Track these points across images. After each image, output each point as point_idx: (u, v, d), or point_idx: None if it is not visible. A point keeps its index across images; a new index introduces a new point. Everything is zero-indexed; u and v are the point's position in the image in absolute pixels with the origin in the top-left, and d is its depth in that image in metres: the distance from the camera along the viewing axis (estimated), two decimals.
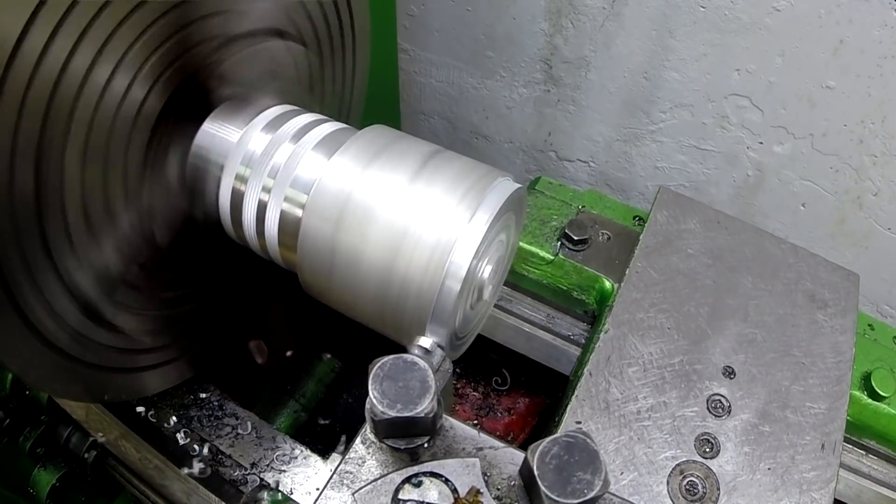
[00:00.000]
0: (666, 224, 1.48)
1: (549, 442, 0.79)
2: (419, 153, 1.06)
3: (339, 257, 1.03)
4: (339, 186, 1.03)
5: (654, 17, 2.30)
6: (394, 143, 1.09)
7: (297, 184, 1.10)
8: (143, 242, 1.16)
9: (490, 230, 0.99)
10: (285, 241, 1.13)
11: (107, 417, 1.43)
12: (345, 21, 1.47)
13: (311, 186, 1.06)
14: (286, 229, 1.11)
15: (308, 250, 1.06)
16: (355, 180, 1.03)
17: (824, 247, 2.59)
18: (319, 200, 1.04)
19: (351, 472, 0.91)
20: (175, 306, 1.32)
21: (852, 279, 1.43)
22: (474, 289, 1.06)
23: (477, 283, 1.06)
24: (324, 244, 1.04)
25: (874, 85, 2.09)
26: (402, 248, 0.99)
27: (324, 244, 1.04)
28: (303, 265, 1.09)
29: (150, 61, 1.03)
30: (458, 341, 1.12)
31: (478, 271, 1.04)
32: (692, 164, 2.66)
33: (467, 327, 1.14)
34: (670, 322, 1.33)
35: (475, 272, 1.02)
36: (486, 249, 1.03)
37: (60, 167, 0.96)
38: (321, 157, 1.10)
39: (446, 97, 3.05)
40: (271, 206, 1.12)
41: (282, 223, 1.12)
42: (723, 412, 1.23)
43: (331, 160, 1.06)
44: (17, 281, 0.96)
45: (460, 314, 1.04)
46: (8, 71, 0.84)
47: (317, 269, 1.07)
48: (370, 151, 1.06)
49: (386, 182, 1.02)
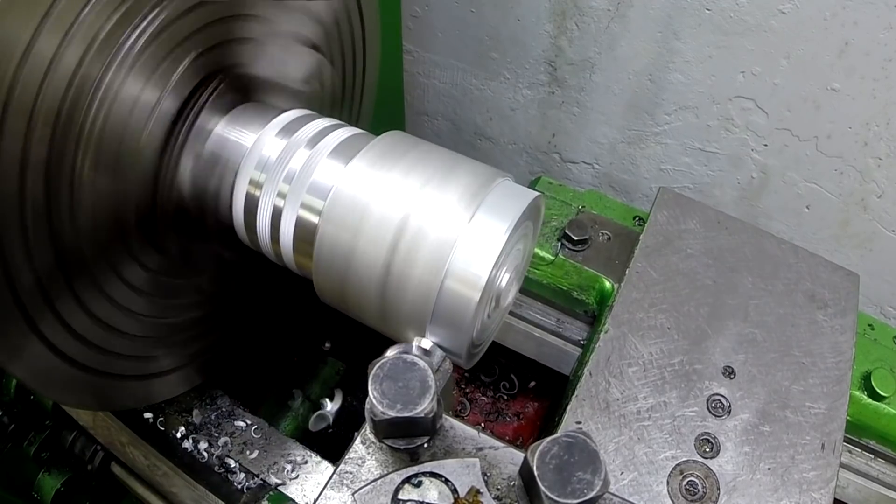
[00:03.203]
0: (666, 224, 1.49)
1: (549, 442, 0.79)
2: (437, 160, 1.06)
3: (355, 265, 1.02)
4: (357, 194, 1.02)
5: (658, 18, 2.30)
6: (411, 149, 1.08)
7: (313, 190, 1.09)
8: (153, 249, 1.15)
9: (510, 239, 0.98)
10: (301, 247, 1.12)
11: (114, 424, 1.43)
12: (356, 26, 1.47)
13: (328, 193, 1.05)
14: (302, 236, 1.11)
15: (324, 257, 1.05)
16: (373, 188, 1.02)
17: (828, 249, 2.59)
18: (337, 208, 1.03)
19: (351, 472, 0.91)
20: (184, 312, 1.31)
21: (852, 279, 1.43)
22: (492, 297, 1.05)
23: (495, 292, 1.05)
24: (341, 252, 1.03)
25: (879, 87, 2.09)
26: (400, 247, 0.99)
27: (341, 252, 1.03)
28: (318, 272, 1.08)
29: (164, 64, 1.02)
30: (474, 349, 1.11)
31: (497, 280, 1.03)
32: (696, 166, 2.66)
33: (484, 335, 1.13)
34: (670, 322, 1.33)
35: (494, 281, 1.01)
36: (506, 258, 1.02)
37: (71, 174, 0.95)
38: (338, 164, 1.09)
39: (450, 98, 3.05)
40: (287, 213, 1.11)
41: (297, 229, 1.11)
42: (723, 412, 1.24)
43: (347, 166, 1.06)
44: (27, 290, 0.95)
45: (479, 323, 1.04)
46: (17, 77, 0.83)
47: (333, 276, 1.06)
48: (387, 158, 1.05)
49: (402, 189, 1.02)
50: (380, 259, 1.00)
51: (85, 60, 0.90)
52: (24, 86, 0.84)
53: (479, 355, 1.16)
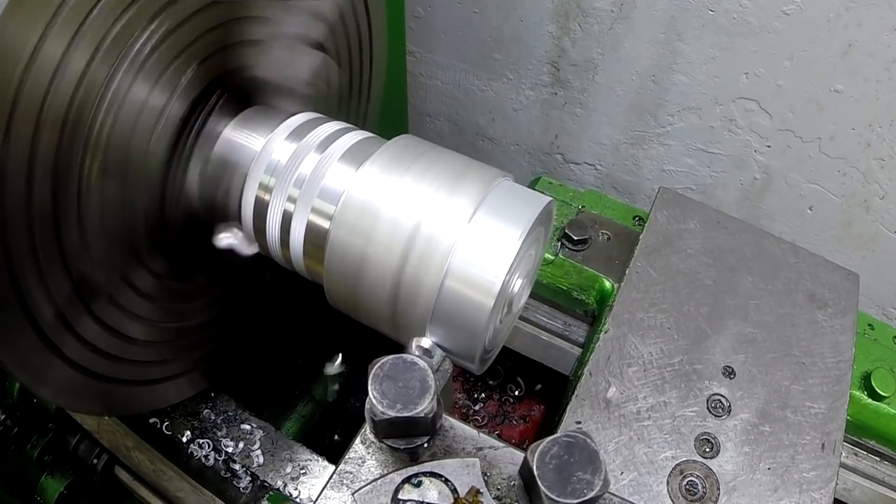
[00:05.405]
0: (666, 224, 1.49)
1: (549, 442, 0.79)
2: (448, 164, 1.05)
3: (367, 271, 1.02)
4: (369, 199, 1.02)
5: (662, 19, 2.29)
6: (422, 153, 1.07)
7: (324, 194, 1.08)
8: (161, 254, 1.15)
9: (523, 245, 0.98)
10: (311, 252, 1.11)
11: (119, 428, 1.43)
12: (363, 31, 1.47)
13: (339, 198, 1.04)
14: (312, 240, 1.10)
15: (336, 263, 1.05)
16: (385, 193, 1.02)
17: (831, 250, 2.58)
18: (349, 213, 1.03)
19: (351, 472, 0.91)
20: (191, 317, 1.31)
21: (852, 279, 1.43)
22: (505, 303, 1.04)
23: (508, 297, 1.04)
24: (353, 258, 1.02)
25: (882, 89, 2.09)
26: (413, 253, 0.98)
27: (353, 258, 1.02)
28: (330, 278, 1.07)
29: (171, 68, 1.02)
30: (486, 355, 1.11)
31: (510, 285, 1.03)
32: (699, 167, 2.66)
33: (496, 340, 1.13)
34: (670, 322, 1.34)
35: (508, 286, 1.00)
36: (519, 264, 1.02)
37: (78, 179, 0.94)
38: (349, 168, 1.09)
39: (452, 99, 3.05)
40: (297, 217, 1.10)
41: (308, 234, 1.10)
42: (723, 412, 1.24)
43: (359, 171, 1.05)
44: (33, 294, 0.94)
45: (491, 329, 1.03)
46: (24, 81, 0.82)
47: (344, 282, 1.06)
48: (399, 162, 1.05)
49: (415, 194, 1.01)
50: (392, 265, 1.00)
51: (92, 65, 0.90)
52: (31, 90, 0.83)
53: (490, 361, 1.15)
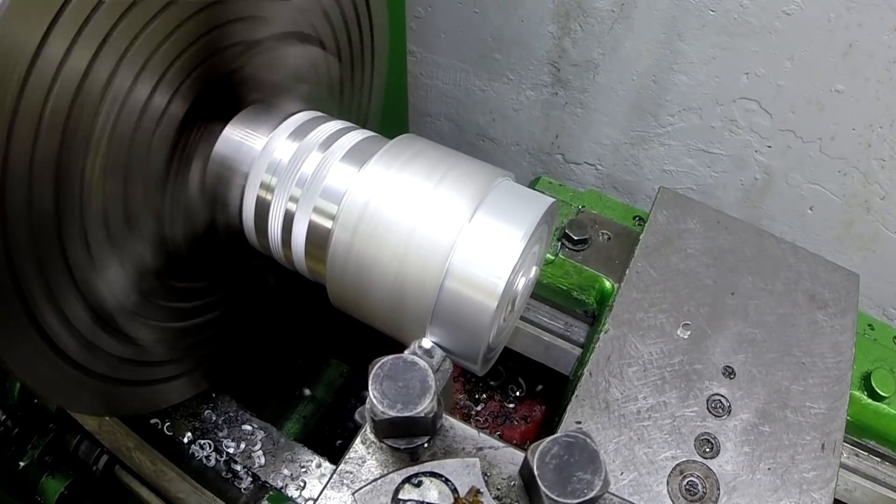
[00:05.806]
0: (666, 224, 1.49)
1: (549, 442, 0.79)
2: (451, 165, 1.05)
3: (370, 273, 1.02)
4: (372, 199, 1.02)
5: (662, 20, 2.29)
6: (424, 153, 1.07)
7: (326, 194, 1.08)
8: (162, 253, 1.14)
9: (527, 245, 0.98)
10: (313, 252, 1.11)
11: (120, 429, 1.43)
12: (364, 28, 1.47)
13: (342, 198, 1.04)
14: (315, 241, 1.10)
15: (338, 264, 1.04)
16: (388, 193, 1.01)
17: (831, 250, 2.58)
18: (352, 214, 1.02)
19: (351, 472, 0.91)
20: (191, 317, 1.30)
21: (852, 279, 1.43)
22: (509, 302, 1.04)
23: (511, 296, 1.04)
24: (355, 259, 1.02)
25: (883, 89, 2.09)
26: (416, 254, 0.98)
27: (355, 259, 1.02)
28: (332, 279, 1.07)
29: (172, 67, 1.01)
30: (489, 354, 1.11)
31: (514, 286, 1.02)
32: (700, 167, 2.66)
33: (500, 339, 1.13)
34: (670, 322, 1.34)
35: (511, 287, 1.00)
36: (522, 263, 1.02)
37: (80, 179, 0.94)
38: (351, 168, 1.08)
39: (453, 99, 3.05)
40: (299, 217, 1.10)
41: (310, 234, 1.10)
42: (723, 412, 1.24)
43: (361, 171, 1.05)
44: (34, 295, 0.94)
45: (495, 329, 1.03)
46: (26, 81, 0.82)
47: (347, 283, 1.05)
48: (401, 162, 1.04)
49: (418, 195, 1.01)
50: (393, 266, 0.99)
51: (93, 65, 0.90)
52: (32, 90, 0.83)
53: (493, 361, 1.15)
